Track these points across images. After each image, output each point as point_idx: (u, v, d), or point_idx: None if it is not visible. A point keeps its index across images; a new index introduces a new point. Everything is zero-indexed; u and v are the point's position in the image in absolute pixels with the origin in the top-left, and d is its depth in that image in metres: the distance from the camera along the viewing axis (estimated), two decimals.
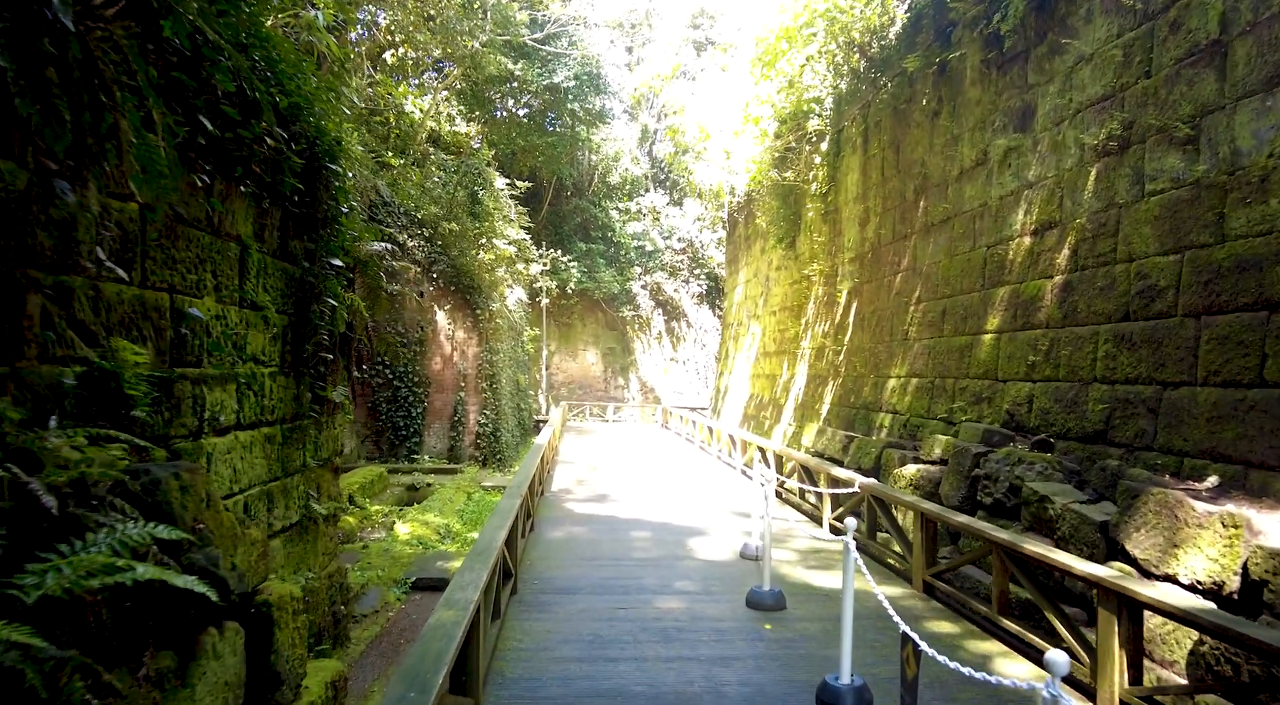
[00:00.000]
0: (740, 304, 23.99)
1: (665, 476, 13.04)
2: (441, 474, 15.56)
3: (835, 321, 14.36)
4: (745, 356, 22.21)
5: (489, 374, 17.07)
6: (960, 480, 7.65)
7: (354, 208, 6.14)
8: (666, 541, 7.96)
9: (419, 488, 14.20)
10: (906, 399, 10.79)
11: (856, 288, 13.48)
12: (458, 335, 17.04)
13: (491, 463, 17.00)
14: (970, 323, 9.44)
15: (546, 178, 32.13)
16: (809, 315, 16.11)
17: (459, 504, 12.48)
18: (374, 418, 16.82)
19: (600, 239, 34.89)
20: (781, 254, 18.50)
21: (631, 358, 35.93)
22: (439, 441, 16.92)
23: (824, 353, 14.75)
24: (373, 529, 11.30)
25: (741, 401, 21.53)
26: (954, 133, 10.27)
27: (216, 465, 4.06)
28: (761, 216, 20.14)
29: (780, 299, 18.58)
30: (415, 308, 17.06)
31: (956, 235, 10.05)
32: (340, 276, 5.47)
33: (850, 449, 10.95)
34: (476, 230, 16.64)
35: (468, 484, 14.55)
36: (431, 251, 17.03)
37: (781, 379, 17.58)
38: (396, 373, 16.78)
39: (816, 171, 15.55)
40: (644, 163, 37.40)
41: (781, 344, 18.07)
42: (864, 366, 12.64)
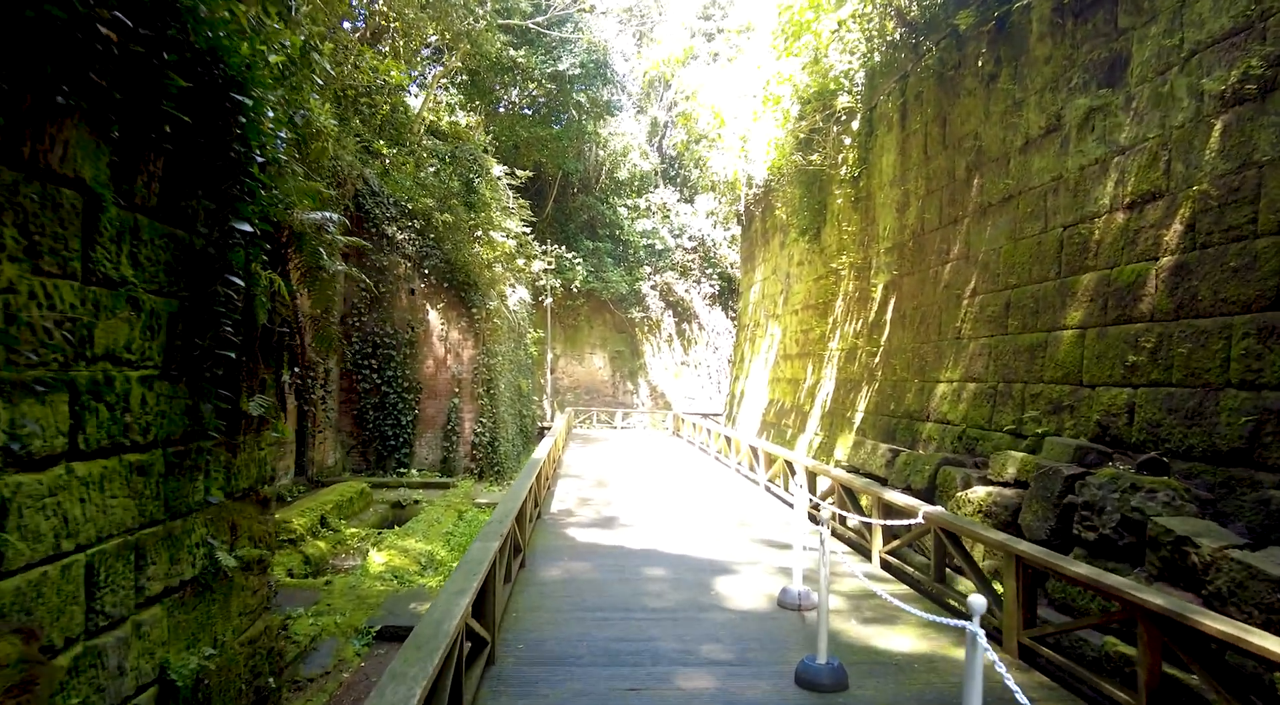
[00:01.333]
0: (757, 304, 22.62)
1: (680, 494, 11.68)
2: (432, 489, 14.25)
3: (869, 319, 12.98)
4: (763, 360, 20.84)
5: (486, 378, 15.78)
6: (1047, 509, 6.25)
7: (282, 162, 4.83)
8: (687, 582, 6.60)
9: (405, 505, 12.90)
10: (961, 407, 9.40)
11: (894, 281, 12.10)
12: (452, 336, 15.75)
13: (489, 475, 15.69)
14: (1043, 317, 8.05)
15: (551, 172, 30.88)
16: (837, 313, 14.73)
17: (447, 525, 11.16)
18: (360, 426, 15.55)
19: (608, 237, 33.61)
20: (804, 247, 17.13)
21: (641, 361, 34.59)
22: (431, 452, 15.63)
23: (856, 354, 13.36)
24: (347, 556, 9.99)
25: (759, 408, 20.14)
26: (1016, 97, 8.89)
27: (27, 516, 2.73)
28: (781, 208, 18.79)
29: (803, 297, 17.21)
30: (405, 306, 15.79)
31: (1022, 216, 8.66)
32: (254, 248, 4.16)
33: (896, 465, 9.55)
34: (472, 222, 15.37)
35: (460, 500, 13.23)
36: (423, 245, 15.76)
37: (806, 383, 16.20)
38: (384, 377, 15.50)
39: (846, 154, 14.19)
40: (653, 158, 36.12)
41: (805, 345, 16.69)
42: (906, 369, 11.25)
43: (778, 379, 18.90)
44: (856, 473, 10.48)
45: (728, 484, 12.87)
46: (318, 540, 9.87)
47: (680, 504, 10.67)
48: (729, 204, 24.68)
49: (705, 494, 11.74)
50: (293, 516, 9.93)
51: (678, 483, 12.94)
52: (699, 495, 11.59)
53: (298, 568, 8.90)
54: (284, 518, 9.74)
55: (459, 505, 12.83)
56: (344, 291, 15.48)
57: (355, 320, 15.53)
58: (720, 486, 12.55)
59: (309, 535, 9.80)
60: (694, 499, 11.20)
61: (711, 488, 12.41)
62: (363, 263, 15.60)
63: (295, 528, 9.49)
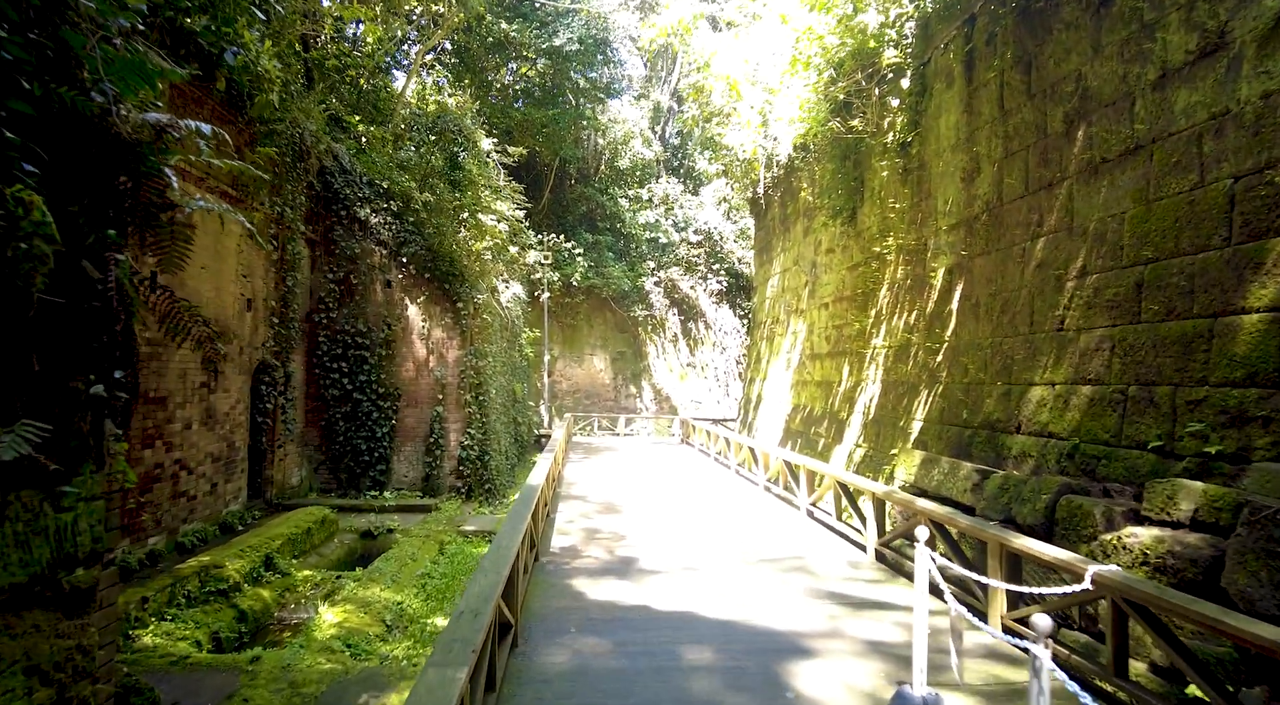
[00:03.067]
0: (775, 298, 20.72)
1: (707, 521, 9.76)
2: (411, 512, 12.32)
3: (927, 311, 11.08)
4: (784, 360, 18.94)
5: (474, 383, 13.84)
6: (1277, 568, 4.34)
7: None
8: (748, 675, 4.68)
9: (378, 534, 10.97)
10: (1070, 416, 7.49)
11: (961, 264, 10.21)
12: (434, 335, 13.82)
13: (478, 494, 13.75)
14: (1203, 299, 6.15)
15: (547, 160, 29.01)
16: (882, 305, 12.83)
17: (424, 563, 9.23)
18: (328, 440, 13.60)
19: (608, 230, 31.71)
20: (836, 232, 15.24)
21: (644, 363, 32.67)
22: (411, 469, 13.68)
23: (910, 352, 11.45)
24: (298, 606, 8.06)
25: (781, 414, 18.24)
26: (1146, 19, 7.00)
27: None
28: (807, 189, 16.91)
29: (834, 288, 15.31)
30: (380, 300, 13.85)
31: (1159, 170, 6.76)
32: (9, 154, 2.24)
33: (986, 490, 7.65)
34: (457, 202, 13.46)
35: (443, 528, 11.30)
36: (401, 230, 13.84)
37: (841, 387, 14.29)
38: (356, 382, 13.56)
39: (893, 118, 12.30)
40: (656, 146, 34.24)
41: (839, 343, 14.79)
42: (982, 370, 9.34)
43: (803, 382, 16.99)
44: (923, 494, 8.59)
45: (760, 508, 10.96)
46: (260, 588, 7.93)
47: (711, 537, 8.74)
48: (741, 190, 22.78)
49: (737, 521, 9.82)
50: (228, 558, 7.99)
51: (700, 505, 11.01)
52: (730, 523, 9.67)
53: (227, 628, 6.97)
54: (216, 560, 7.81)
55: (441, 534, 10.89)
56: (309, 283, 13.56)
57: (322, 316, 13.59)
58: (752, 511, 10.63)
59: (248, 582, 7.86)
60: (725, 529, 9.27)
61: (742, 512, 10.49)
62: (331, 249, 13.69)
63: (228, 573, 7.56)
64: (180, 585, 6.96)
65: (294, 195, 12.17)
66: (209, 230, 9.82)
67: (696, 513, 10.39)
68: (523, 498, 6.78)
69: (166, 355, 8.87)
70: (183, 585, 7.00)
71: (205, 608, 6.93)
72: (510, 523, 5.95)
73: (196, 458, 9.60)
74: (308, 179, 12.70)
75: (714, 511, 10.51)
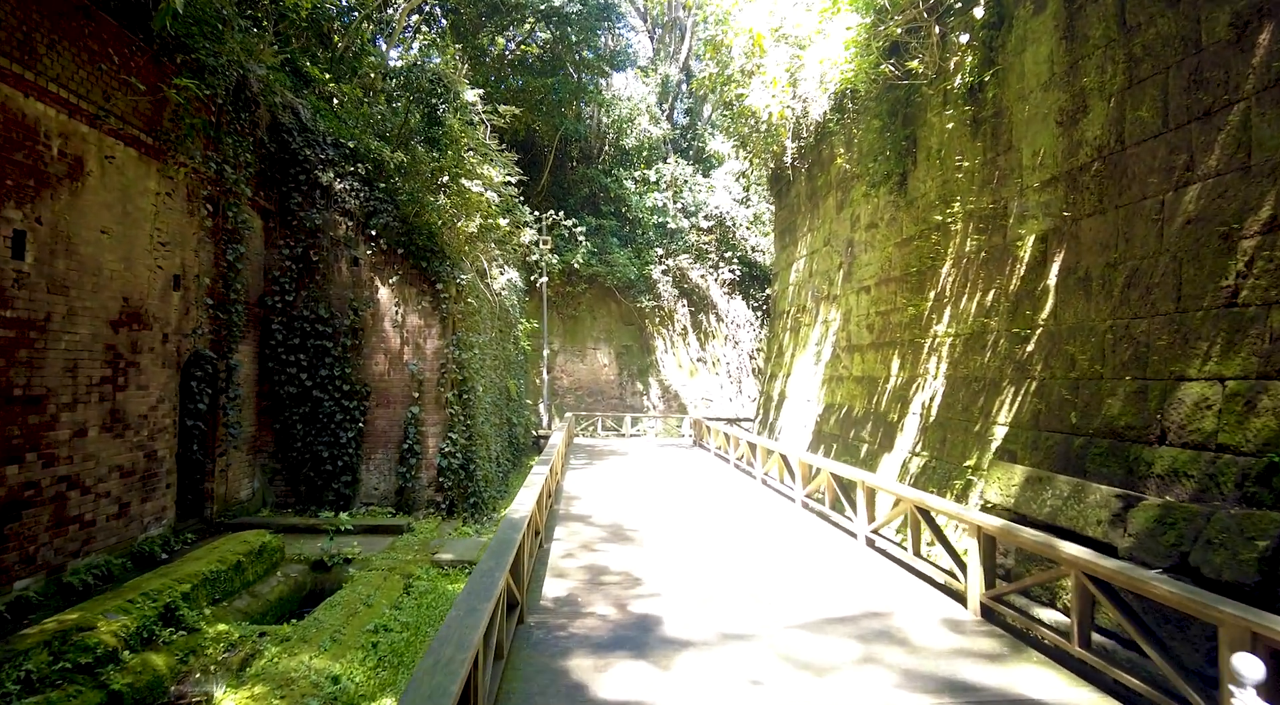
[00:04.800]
0: (800, 285, 18.71)
1: (743, 555, 7.76)
2: (378, 534, 10.38)
3: (1010, 289, 9.07)
4: (812, 353, 16.94)
5: (457, 378, 11.88)
6: None
7: None
8: None
9: (333, 564, 9.02)
10: (1259, 422, 5.49)
11: (1060, 228, 8.20)
12: (410, 321, 11.85)
13: (461, 510, 11.79)
14: None
15: (546, 137, 27.00)
16: (944, 284, 10.82)
17: (381, 610, 7.27)
18: (284, 445, 11.65)
19: (612, 214, 29.68)
20: (881, 202, 13.23)
21: (651, 358, 30.67)
22: (382, 480, 11.72)
23: (988, 340, 9.45)
24: (205, 677, 6.11)
25: (809, 415, 16.26)
26: None
27: None
28: (844, 156, 14.89)
29: (879, 268, 13.30)
30: (346, 280, 11.88)
31: None
32: None
33: (1134, 523, 5.66)
34: (436, 164, 11.45)
35: (413, 556, 9.36)
36: (370, 198, 11.87)
37: (889, 383, 12.29)
38: (317, 378, 11.60)
39: (960, 58, 10.28)
40: (664, 124, 32.20)
41: (885, 332, 12.78)
42: (1097, 361, 7.34)
43: (837, 377, 14.99)
44: (1024, 522, 6.62)
45: (804, 533, 8.97)
46: (151, 653, 5.97)
47: (751, 579, 6.76)
48: (760, 165, 20.74)
49: (780, 553, 7.83)
50: (110, 610, 6.03)
51: (728, 528, 9.01)
52: (771, 556, 7.68)
53: None
54: (86, 618, 5.86)
55: (410, 564, 8.93)
56: (260, 260, 11.59)
57: (277, 299, 11.63)
58: (796, 538, 8.64)
59: (135, 644, 5.90)
60: (767, 565, 7.29)
61: (783, 540, 8.50)
62: (287, 220, 11.73)
63: (100, 638, 5.60)
64: (15, 663, 5.00)
65: (237, 151, 10.20)
66: (111, 184, 7.85)
67: (725, 540, 8.41)
68: (499, 543, 4.77)
69: (45, 342, 6.90)
70: (21, 661, 5.04)
71: (53, 695, 4.97)
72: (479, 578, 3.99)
73: (95, 473, 7.64)
74: (256, 133, 10.72)
75: (747, 538, 8.53)
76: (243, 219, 10.42)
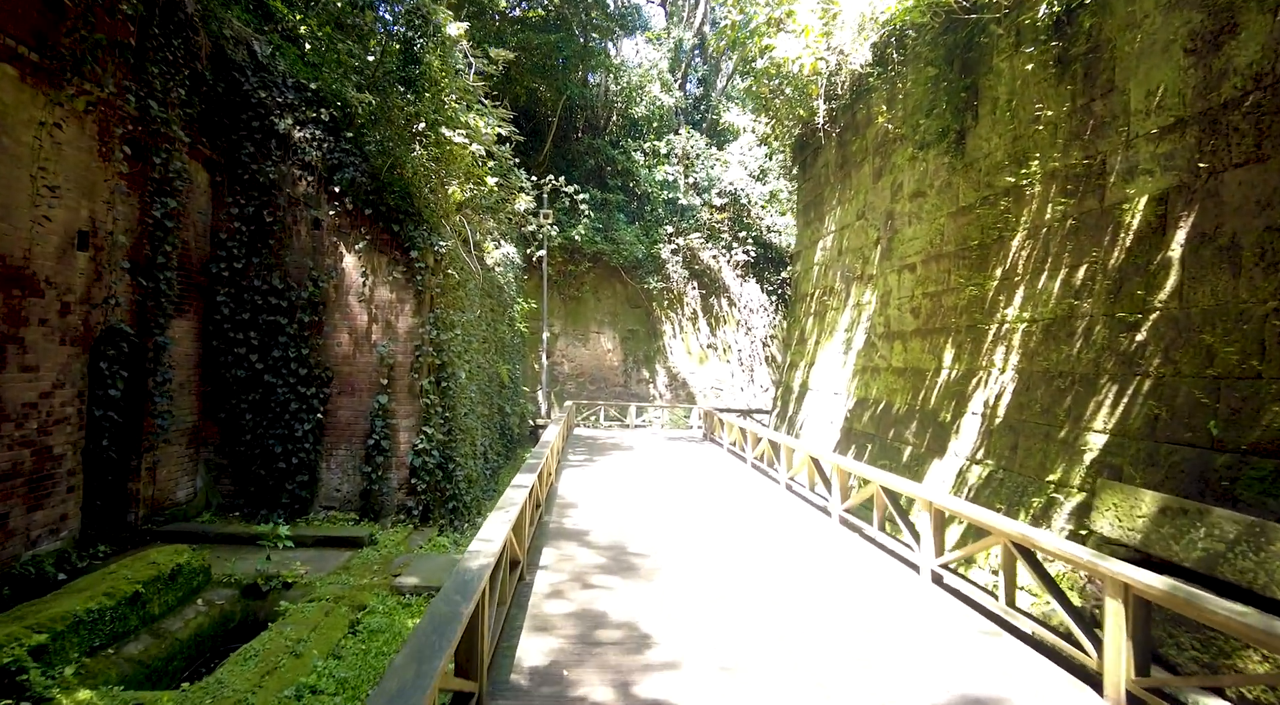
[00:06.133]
0: (827, 264, 17.00)
1: (785, 597, 6.13)
2: (332, 548, 8.82)
3: (1112, 263, 7.37)
4: (841, 340, 15.27)
5: (435, 363, 10.26)
6: None
7: None
8: None
9: (270, 589, 7.45)
10: None
11: (1189, 185, 6.50)
12: (379, 295, 10.22)
13: (438, 517, 10.21)
14: None
15: (550, 103, 25.21)
16: (1015, 259, 9.11)
17: (311, 662, 5.68)
18: (231, 438, 10.06)
19: (619, 188, 27.91)
20: (931, 166, 11.50)
21: (659, 343, 28.99)
22: (346, 481, 10.14)
23: (1079, 326, 7.76)
24: None
25: (837, 410, 14.61)
26: None
27: None
28: (886, 115, 13.11)
29: (927, 242, 11.59)
30: (305, 245, 10.24)
31: None
32: None
33: None
34: (411, 109, 9.76)
35: (371, 577, 7.79)
36: (334, 149, 10.20)
37: (940, 376, 10.62)
38: (269, 360, 10.00)
39: None
40: (676, 93, 30.32)
41: (935, 316, 11.09)
42: (1252, 354, 5.67)
43: (873, 368, 13.31)
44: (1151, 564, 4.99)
45: (853, 564, 7.34)
46: None
47: (800, 640, 5.13)
48: (783, 132, 18.94)
49: (827, 593, 6.19)
50: None
51: (762, 559, 7.38)
52: (819, 598, 6.04)
53: None
54: None
55: (363, 591, 7.35)
56: (206, 222, 9.95)
57: (224, 267, 10.00)
58: (846, 574, 7.00)
59: None
60: (816, 613, 5.66)
61: (832, 577, 6.86)
62: (237, 174, 10.09)
63: None
64: None
65: (166, 84, 8.54)
66: None
67: (756, 571, 6.80)
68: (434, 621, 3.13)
69: None
70: None
71: None
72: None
73: None
74: (194, 65, 9.05)
75: (782, 569, 6.92)
76: (176, 168, 8.77)
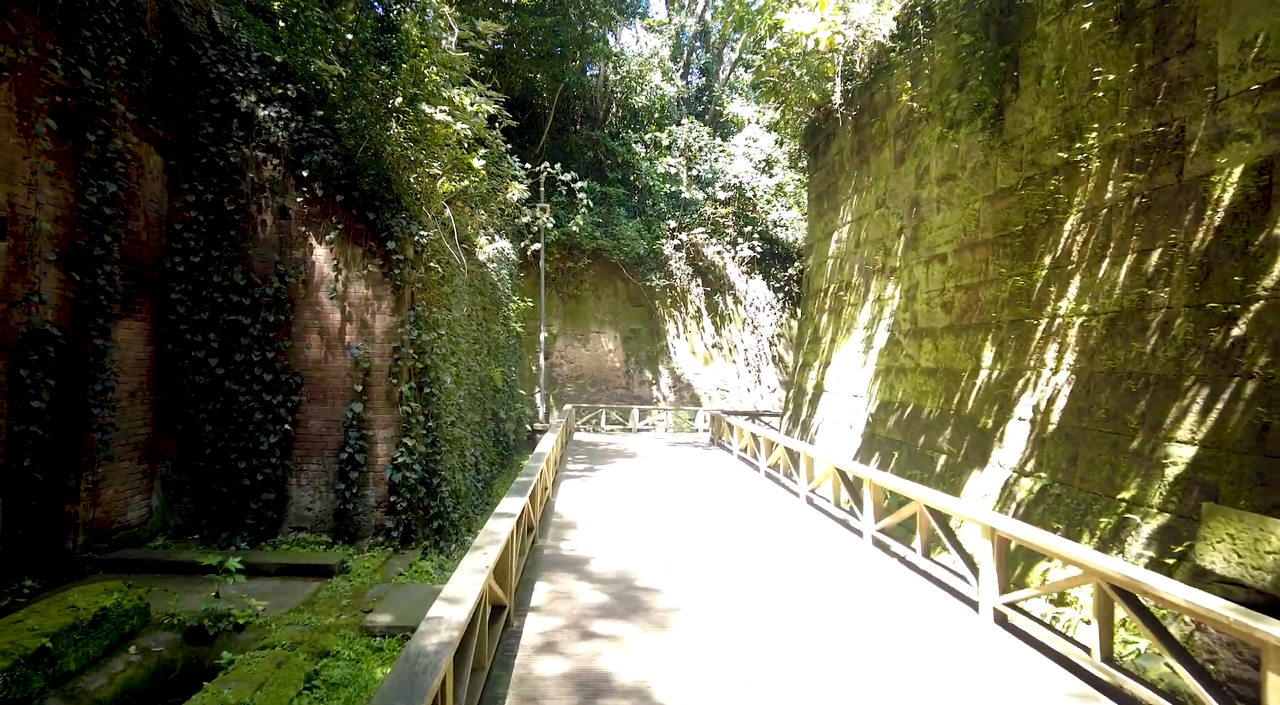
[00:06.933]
0: (843, 257, 16.00)
1: (829, 656, 5.11)
2: (298, 577, 7.85)
3: (1196, 244, 6.38)
4: (859, 338, 14.27)
5: (416, 367, 9.27)
6: None
7: None
8: None
9: (219, 632, 6.45)
10: None
11: None
12: (353, 291, 9.22)
13: (422, 537, 9.22)
14: None
15: (547, 92, 24.22)
16: (1070, 244, 8.11)
17: None
18: (189, 452, 9.06)
19: (620, 181, 26.91)
20: (963, 146, 10.50)
21: (661, 343, 27.99)
22: (319, 499, 9.14)
23: (1152, 319, 6.76)
24: None
25: (858, 413, 13.60)
26: None
27: None
28: (909, 92, 12.11)
29: (960, 229, 10.59)
30: (271, 237, 9.25)
31: None
32: None
33: None
34: (387, 83, 8.76)
35: (338, 614, 6.81)
36: (303, 129, 9.20)
37: (980, 377, 9.62)
38: (231, 365, 9.01)
39: None
40: (678, 82, 29.33)
41: (973, 310, 10.09)
42: None
43: (898, 369, 12.31)
44: None
45: (897, 599, 6.34)
46: None
47: None
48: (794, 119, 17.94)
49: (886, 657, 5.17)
50: None
51: (794, 595, 6.36)
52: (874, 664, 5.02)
53: None
54: None
55: (327, 634, 6.35)
56: (159, 211, 8.96)
57: (179, 261, 9.00)
58: (890, 613, 5.99)
59: None
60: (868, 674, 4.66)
61: (875, 616, 5.85)
62: (194, 157, 9.11)
63: None
64: None
65: (103, 51, 7.54)
66: None
67: (790, 610, 5.80)
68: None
69: None
70: None
71: None
72: None
73: None
74: (138, 31, 8.05)
75: (822, 607, 5.91)
76: (116, 148, 7.77)
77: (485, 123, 11.21)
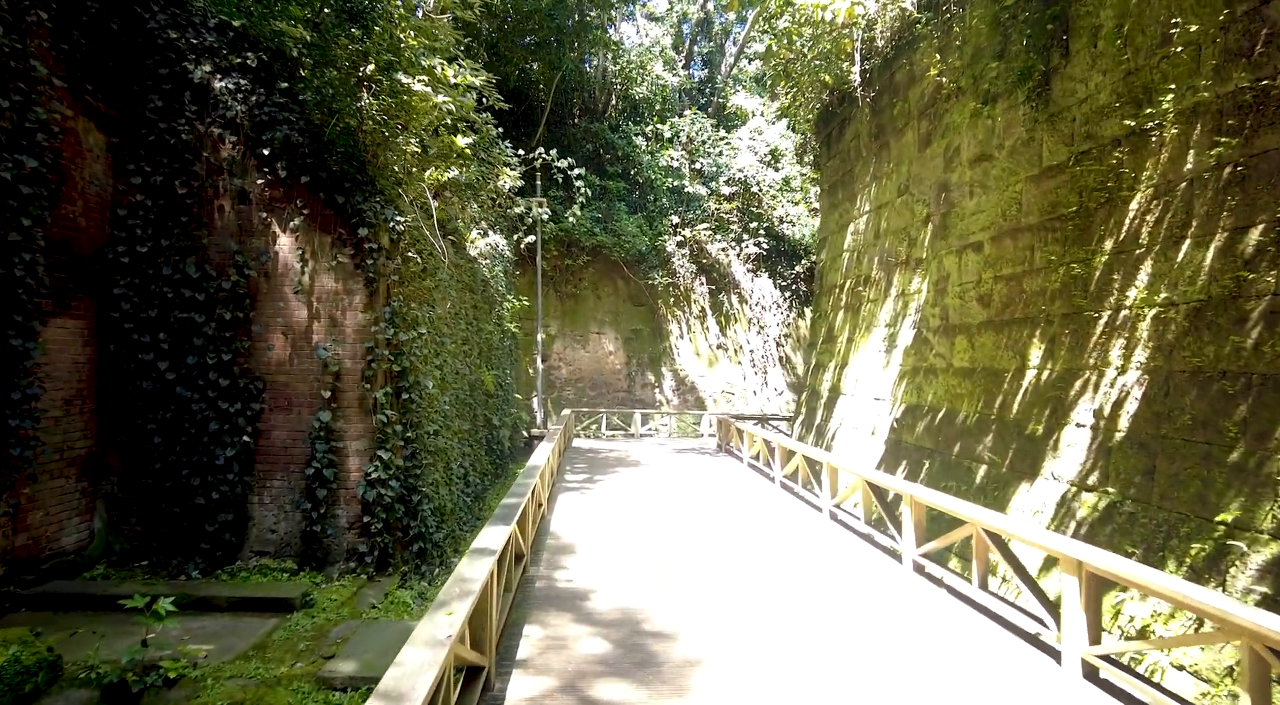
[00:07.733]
0: (860, 249, 15.01)
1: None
2: (255, 612, 6.86)
3: None
4: (882, 336, 13.27)
5: (393, 370, 8.27)
6: None
7: None
8: None
9: (143, 688, 5.43)
10: None
11: None
12: (321, 284, 8.23)
13: (400, 562, 8.22)
14: None
15: (544, 81, 23.26)
16: (1137, 225, 7.11)
17: None
18: (139, 467, 8.06)
19: (620, 175, 25.93)
20: (1000, 122, 9.53)
21: (664, 344, 26.98)
22: (283, 519, 8.14)
23: (1252, 308, 5.75)
24: None
25: (881, 418, 12.61)
26: None
27: None
28: (938, 65, 11.11)
29: (999, 214, 9.60)
30: (229, 225, 8.26)
31: None
32: None
33: None
34: (357, 49, 7.78)
35: (293, 661, 5.83)
36: (264, 103, 8.22)
37: (1027, 377, 8.62)
38: (183, 368, 8.01)
39: None
40: (680, 72, 28.37)
41: (1016, 303, 9.09)
42: None
43: (927, 369, 11.31)
44: None
45: (953, 638, 5.35)
46: None
47: None
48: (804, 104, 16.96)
49: None
50: None
51: (823, 624, 5.38)
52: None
53: None
54: None
55: (277, 690, 5.36)
56: (101, 193, 7.97)
57: (123, 251, 8.01)
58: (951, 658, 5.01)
59: None
60: None
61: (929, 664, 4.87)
62: (141, 135, 8.12)
63: None
64: None
65: (23, 3, 6.55)
66: None
67: (830, 661, 4.82)
68: None
69: None
70: None
71: None
72: None
73: None
74: None
75: (866, 658, 4.92)
76: (39, 118, 6.77)
77: (473, 104, 10.24)
